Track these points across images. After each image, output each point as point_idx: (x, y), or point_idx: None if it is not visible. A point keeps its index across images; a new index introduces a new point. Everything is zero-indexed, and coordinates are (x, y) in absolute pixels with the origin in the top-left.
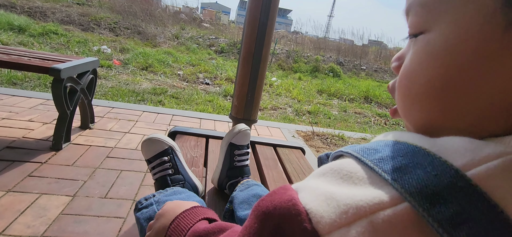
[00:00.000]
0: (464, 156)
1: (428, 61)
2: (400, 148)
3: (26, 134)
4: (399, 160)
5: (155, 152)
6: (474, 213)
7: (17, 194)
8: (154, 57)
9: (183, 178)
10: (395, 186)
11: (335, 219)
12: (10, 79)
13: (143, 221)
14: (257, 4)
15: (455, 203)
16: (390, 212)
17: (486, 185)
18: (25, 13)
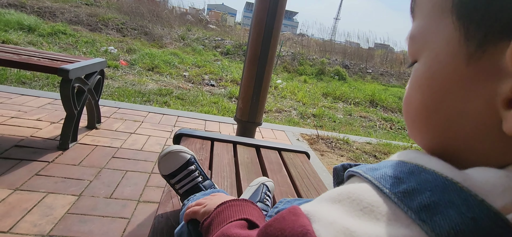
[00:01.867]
0: (503, 196)
1: (417, 86)
2: (427, 179)
3: (34, 133)
4: (427, 196)
5: (179, 165)
6: None
7: (24, 193)
8: (160, 58)
9: (212, 183)
10: (424, 228)
11: None
12: (19, 78)
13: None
14: (263, 7)
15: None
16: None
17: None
18: (34, 13)
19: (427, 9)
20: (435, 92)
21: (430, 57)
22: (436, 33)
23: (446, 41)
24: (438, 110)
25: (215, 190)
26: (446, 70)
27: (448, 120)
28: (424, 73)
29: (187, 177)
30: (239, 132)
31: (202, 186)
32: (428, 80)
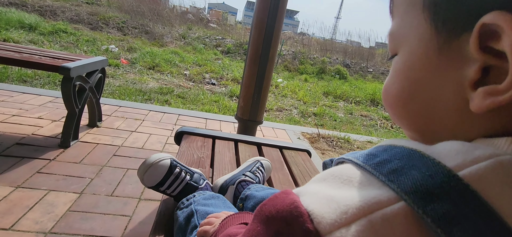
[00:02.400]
0: (456, 158)
1: (396, 77)
2: (397, 152)
3: (35, 131)
4: (395, 163)
5: (164, 173)
6: (466, 210)
7: (26, 190)
8: (161, 57)
9: (199, 175)
10: (392, 186)
11: (335, 219)
12: (21, 77)
13: (182, 219)
14: (264, 6)
15: (448, 201)
16: (388, 210)
17: (476, 184)
18: (36, 12)
19: (402, 8)
20: (412, 81)
21: (407, 50)
22: (411, 29)
23: (419, 35)
24: (414, 97)
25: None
26: (420, 61)
27: (424, 106)
28: (402, 65)
29: (175, 181)
30: (240, 130)
31: (193, 183)
32: (405, 71)
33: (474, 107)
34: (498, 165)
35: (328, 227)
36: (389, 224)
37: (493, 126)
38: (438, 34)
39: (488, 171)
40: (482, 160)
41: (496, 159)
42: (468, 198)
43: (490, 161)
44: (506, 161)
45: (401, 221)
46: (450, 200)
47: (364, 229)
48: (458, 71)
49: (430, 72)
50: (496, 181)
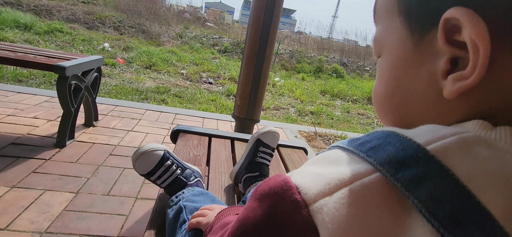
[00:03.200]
0: (426, 136)
1: (381, 77)
2: (377, 134)
3: (30, 131)
4: (374, 142)
5: (155, 162)
6: (431, 175)
7: (22, 190)
8: (158, 56)
9: (191, 171)
10: (370, 160)
11: (320, 190)
12: (16, 76)
13: (172, 216)
14: (261, 4)
15: (416, 168)
16: (366, 180)
17: (440, 154)
18: (31, 11)
19: (383, 16)
20: (393, 79)
21: (388, 52)
22: (390, 33)
23: (397, 37)
24: (395, 93)
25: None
26: (400, 60)
27: (403, 100)
28: (385, 66)
29: (165, 172)
30: (237, 129)
31: (182, 178)
32: (387, 70)
33: (446, 94)
34: (461, 140)
35: (313, 196)
36: (366, 191)
37: (465, 114)
38: (412, 34)
39: (452, 145)
40: (447, 137)
41: (460, 136)
42: (432, 165)
43: (454, 137)
44: (468, 137)
45: (377, 189)
46: (418, 167)
47: (345, 196)
48: (431, 65)
49: (408, 68)
50: (457, 152)
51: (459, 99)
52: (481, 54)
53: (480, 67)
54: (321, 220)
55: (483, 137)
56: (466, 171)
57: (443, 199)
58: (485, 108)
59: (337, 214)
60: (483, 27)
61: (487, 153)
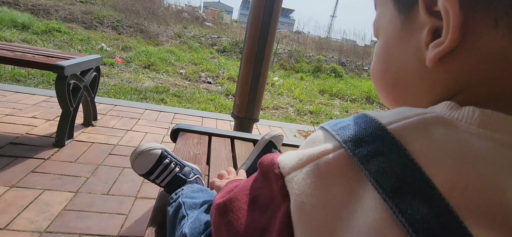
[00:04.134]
0: (391, 117)
1: (377, 57)
2: (353, 116)
3: (29, 130)
4: (346, 122)
5: (153, 162)
6: (384, 150)
7: (21, 190)
8: (157, 56)
9: (190, 168)
10: (337, 138)
11: (293, 165)
12: (14, 76)
13: (171, 213)
14: (260, 4)
15: (372, 145)
16: (330, 156)
17: (399, 133)
18: (28, 11)
19: (380, 2)
20: (386, 56)
21: (383, 33)
22: (385, 16)
23: (389, 18)
24: (388, 69)
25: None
26: (391, 38)
27: (395, 76)
28: (380, 45)
29: (164, 171)
30: (237, 128)
31: (181, 175)
32: (382, 49)
33: (427, 61)
34: (421, 121)
35: (287, 169)
36: (329, 166)
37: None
38: (400, 13)
39: (411, 125)
40: (410, 118)
41: (421, 116)
42: (387, 143)
43: (415, 118)
44: (429, 117)
45: (338, 163)
46: (374, 144)
47: (311, 170)
48: (416, 38)
49: (398, 45)
50: (414, 131)
51: (439, 69)
52: (451, 17)
53: (452, 30)
54: (291, 188)
55: (444, 117)
56: (418, 147)
57: (390, 171)
58: (464, 79)
59: (303, 183)
60: None
61: (443, 132)
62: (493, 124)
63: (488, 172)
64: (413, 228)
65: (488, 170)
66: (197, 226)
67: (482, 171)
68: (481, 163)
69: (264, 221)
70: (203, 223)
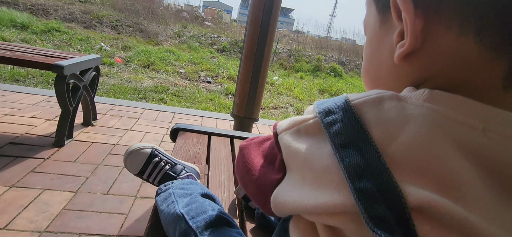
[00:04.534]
0: (358, 95)
1: (365, 54)
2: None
3: (29, 130)
4: (328, 100)
5: (143, 161)
6: (343, 119)
7: (20, 190)
8: (156, 55)
9: (182, 166)
10: (316, 110)
11: (285, 127)
12: (13, 76)
13: (160, 202)
14: (259, 3)
15: (336, 114)
16: (308, 122)
17: (359, 107)
18: (27, 11)
19: (368, 3)
20: (370, 52)
21: (369, 31)
22: (370, 16)
23: (373, 18)
24: (371, 65)
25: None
26: (373, 36)
27: (375, 70)
28: (366, 42)
29: (154, 169)
30: (236, 128)
31: (172, 173)
32: (367, 47)
33: (394, 58)
34: (378, 98)
35: (280, 129)
36: (306, 128)
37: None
38: (380, 14)
39: (370, 100)
40: (370, 95)
41: (380, 94)
42: (347, 113)
43: (375, 95)
44: (386, 95)
45: (312, 127)
46: (338, 114)
47: (295, 130)
48: (390, 38)
49: (377, 42)
50: (371, 104)
51: (405, 65)
52: (408, 25)
53: (409, 35)
54: (281, 143)
55: (398, 95)
56: (370, 116)
57: (344, 133)
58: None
59: (288, 139)
60: (410, 5)
61: (393, 105)
62: (437, 99)
63: (418, 131)
64: (346, 170)
65: (419, 130)
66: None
67: (412, 130)
68: (412, 124)
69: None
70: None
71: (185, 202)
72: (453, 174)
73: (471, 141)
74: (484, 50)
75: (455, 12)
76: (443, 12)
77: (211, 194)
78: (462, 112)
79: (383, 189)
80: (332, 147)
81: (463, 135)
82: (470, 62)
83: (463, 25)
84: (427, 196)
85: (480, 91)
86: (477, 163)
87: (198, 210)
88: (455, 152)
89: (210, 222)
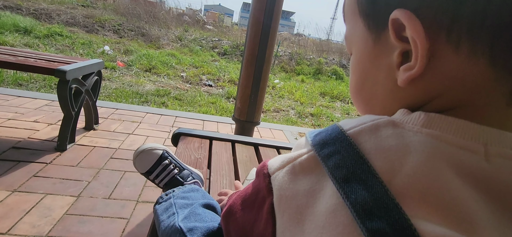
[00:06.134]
0: (352, 124)
1: (352, 72)
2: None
3: (31, 134)
4: (321, 131)
5: (153, 161)
6: (341, 150)
7: (23, 194)
8: (158, 59)
9: (189, 172)
10: (310, 143)
11: (277, 166)
12: (16, 80)
13: (160, 212)
14: (260, 6)
15: (332, 146)
16: (303, 157)
17: (355, 136)
18: (30, 15)
19: (349, 17)
20: (361, 72)
21: (355, 48)
22: (355, 31)
23: (361, 35)
24: (363, 85)
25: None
26: (363, 55)
27: (369, 91)
28: (355, 61)
29: (163, 171)
30: (238, 131)
31: (179, 178)
32: (355, 65)
33: (399, 82)
34: (375, 125)
35: (273, 169)
36: (301, 165)
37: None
38: (371, 32)
39: (365, 128)
40: (366, 123)
41: (375, 122)
42: (344, 144)
43: (370, 122)
44: (381, 122)
45: (308, 163)
46: (334, 146)
47: (289, 169)
48: (388, 58)
49: (370, 62)
50: (368, 133)
51: (409, 87)
52: (419, 47)
53: (420, 58)
54: (274, 184)
55: (394, 121)
56: (368, 146)
57: (343, 166)
58: (429, 95)
59: (282, 180)
60: (419, 25)
61: (390, 132)
62: (434, 123)
63: (421, 161)
64: (354, 209)
65: (421, 160)
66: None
67: (415, 160)
68: (414, 153)
69: (254, 214)
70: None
71: (184, 214)
72: (461, 205)
73: (472, 166)
74: (494, 69)
75: (467, 32)
76: (453, 33)
77: (212, 203)
78: (462, 136)
79: (397, 227)
80: (333, 183)
81: (465, 160)
82: (476, 82)
83: (476, 45)
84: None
85: (482, 109)
86: (481, 189)
87: (197, 222)
88: (459, 180)
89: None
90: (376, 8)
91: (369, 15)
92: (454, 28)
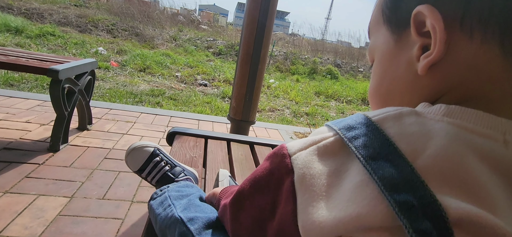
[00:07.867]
0: (376, 112)
1: (374, 76)
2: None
3: (23, 135)
4: (344, 119)
5: (144, 159)
6: (367, 133)
7: (15, 195)
8: (152, 59)
9: (181, 169)
10: (335, 128)
11: (299, 147)
12: (7, 80)
13: (156, 206)
14: (256, 6)
15: (359, 129)
16: (328, 140)
17: (380, 122)
18: (22, 15)
19: (373, 28)
20: (381, 71)
21: (378, 53)
22: (379, 38)
23: (384, 40)
24: (383, 83)
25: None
26: (385, 56)
27: (389, 87)
28: (376, 64)
29: (154, 169)
30: (233, 131)
31: (170, 174)
32: (377, 67)
33: (419, 70)
34: (398, 113)
35: (294, 150)
36: (326, 147)
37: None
38: (394, 34)
39: (390, 116)
40: (389, 112)
41: (398, 110)
42: (371, 128)
43: (394, 111)
44: (404, 111)
45: (333, 145)
46: (360, 129)
47: (313, 149)
48: (408, 53)
49: (391, 60)
50: (392, 120)
51: (427, 77)
52: (438, 32)
53: (439, 43)
54: (296, 164)
55: (417, 111)
56: (393, 131)
57: (370, 146)
58: (447, 84)
59: (305, 159)
60: (438, 15)
61: (414, 120)
62: (454, 114)
63: (443, 144)
64: (382, 182)
65: (444, 143)
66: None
67: (437, 143)
68: (436, 137)
69: (271, 196)
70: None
71: (183, 205)
72: (482, 186)
73: (492, 152)
74: (505, 58)
75: (479, 21)
76: (466, 22)
77: None
78: (481, 125)
79: (423, 202)
80: (360, 161)
81: (485, 146)
82: (490, 71)
83: (487, 33)
84: (467, 208)
85: (497, 102)
86: (500, 173)
87: (197, 213)
88: (479, 163)
89: (208, 224)
90: (398, 12)
91: (392, 19)
92: (466, 18)
